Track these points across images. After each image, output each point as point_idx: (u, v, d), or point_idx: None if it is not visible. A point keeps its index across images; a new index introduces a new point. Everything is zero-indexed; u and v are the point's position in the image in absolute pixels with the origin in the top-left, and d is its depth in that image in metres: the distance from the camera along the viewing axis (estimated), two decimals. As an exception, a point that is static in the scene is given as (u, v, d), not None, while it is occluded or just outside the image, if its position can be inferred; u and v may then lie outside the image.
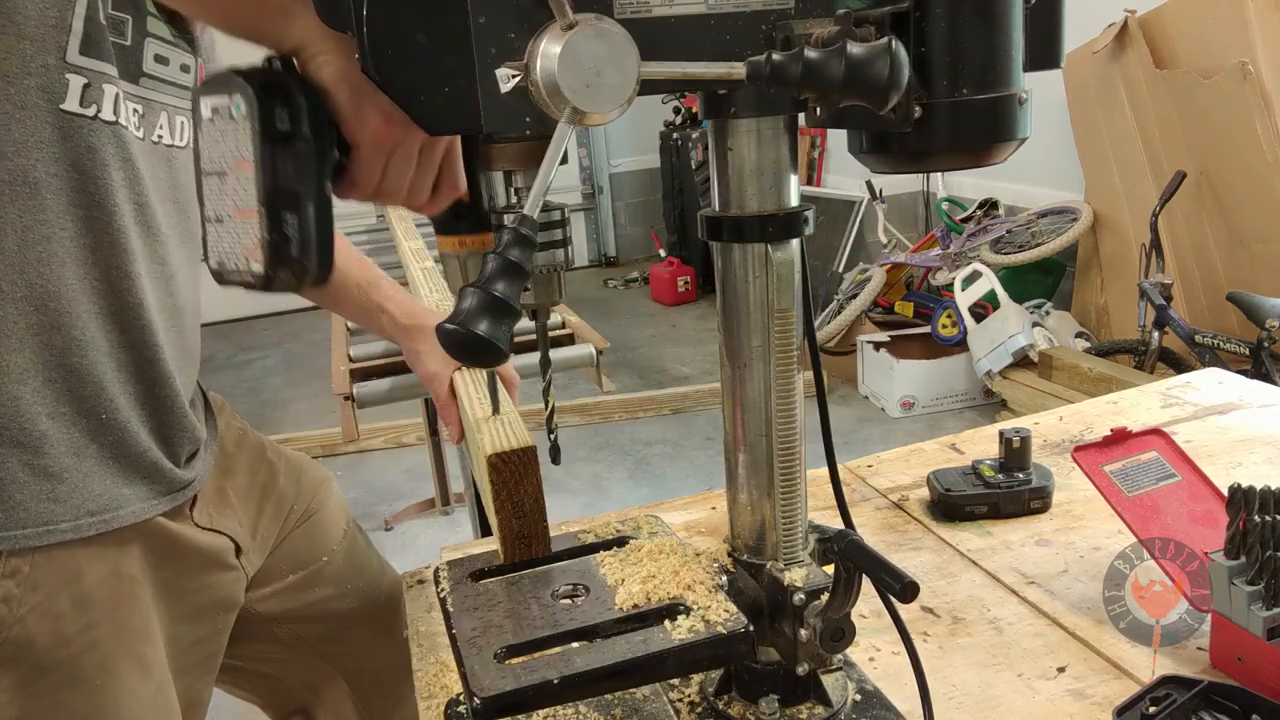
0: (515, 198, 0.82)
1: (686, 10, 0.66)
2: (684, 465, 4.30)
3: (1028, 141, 0.67)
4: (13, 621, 0.94)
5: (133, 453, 1.01)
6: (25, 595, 0.94)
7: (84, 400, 0.97)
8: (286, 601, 1.31)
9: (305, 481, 1.35)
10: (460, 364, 1.21)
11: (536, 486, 0.92)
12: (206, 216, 0.71)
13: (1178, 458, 1.14)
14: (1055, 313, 4.63)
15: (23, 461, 0.93)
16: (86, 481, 0.97)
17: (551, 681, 0.74)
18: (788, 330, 0.80)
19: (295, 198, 0.68)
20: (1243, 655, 0.93)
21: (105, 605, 1.00)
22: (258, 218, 0.67)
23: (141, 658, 1.04)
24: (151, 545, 1.05)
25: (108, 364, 0.98)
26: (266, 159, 0.66)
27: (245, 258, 0.69)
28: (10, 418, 0.92)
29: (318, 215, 0.69)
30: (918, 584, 0.72)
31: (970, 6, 0.63)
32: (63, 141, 0.91)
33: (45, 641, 0.96)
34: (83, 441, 0.97)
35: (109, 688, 1.01)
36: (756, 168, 0.77)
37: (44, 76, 0.89)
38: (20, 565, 0.94)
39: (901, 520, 1.33)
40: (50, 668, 0.97)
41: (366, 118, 0.69)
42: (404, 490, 4.15)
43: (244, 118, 0.66)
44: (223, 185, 0.69)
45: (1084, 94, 4.35)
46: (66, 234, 0.93)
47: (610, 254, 8.20)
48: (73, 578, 0.97)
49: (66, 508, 0.96)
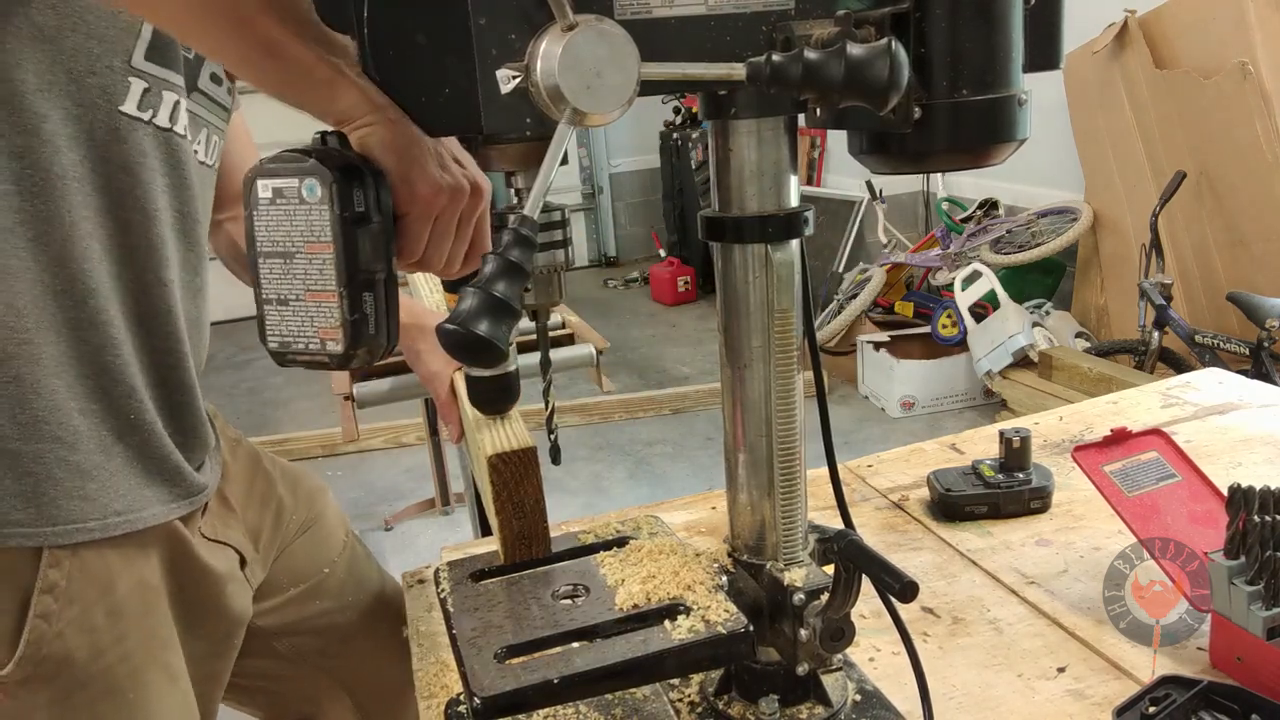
0: (515, 198, 0.82)
1: (687, 11, 0.66)
2: (684, 465, 4.30)
3: (1028, 141, 0.67)
4: (52, 637, 0.94)
5: (156, 455, 1.02)
6: (63, 609, 0.94)
7: (114, 399, 0.97)
8: (287, 615, 1.30)
9: (301, 491, 1.34)
10: (461, 364, 1.21)
11: (537, 487, 0.92)
12: (266, 298, 0.71)
13: (1178, 458, 1.14)
14: (1055, 313, 4.63)
15: (59, 457, 0.93)
16: (113, 480, 0.97)
17: (551, 681, 0.74)
18: (788, 330, 0.80)
19: (372, 276, 0.69)
20: (1243, 655, 0.93)
21: (135, 616, 1.00)
22: (338, 299, 0.67)
23: (169, 667, 1.05)
24: (167, 553, 1.05)
25: (136, 366, 0.99)
26: (350, 241, 0.67)
27: (320, 340, 0.69)
28: (49, 411, 0.92)
29: (388, 291, 0.70)
30: (917, 584, 0.72)
31: (970, 7, 0.63)
32: (116, 143, 0.92)
33: (82, 655, 0.96)
34: (110, 440, 0.97)
35: (140, 698, 1.01)
36: (756, 168, 0.77)
37: (107, 77, 0.90)
38: (57, 579, 0.94)
39: (901, 520, 1.33)
40: (86, 681, 0.97)
41: (415, 186, 0.70)
42: (404, 490, 4.15)
43: (319, 201, 0.66)
44: (289, 267, 0.69)
45: (1084, 94, 4.35)
46: (106, 233, 0.94)
47: (610, 254, 8.20)
48: (106, 589, 0.97)
49: (95, 506, 0.96)
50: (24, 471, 0.91)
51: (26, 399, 0.91)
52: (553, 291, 0.87)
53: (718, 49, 0.67)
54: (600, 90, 0.60)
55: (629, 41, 0.61)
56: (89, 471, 0.95)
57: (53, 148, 0.88)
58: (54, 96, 0.87)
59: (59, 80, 0.87)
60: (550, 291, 0.86)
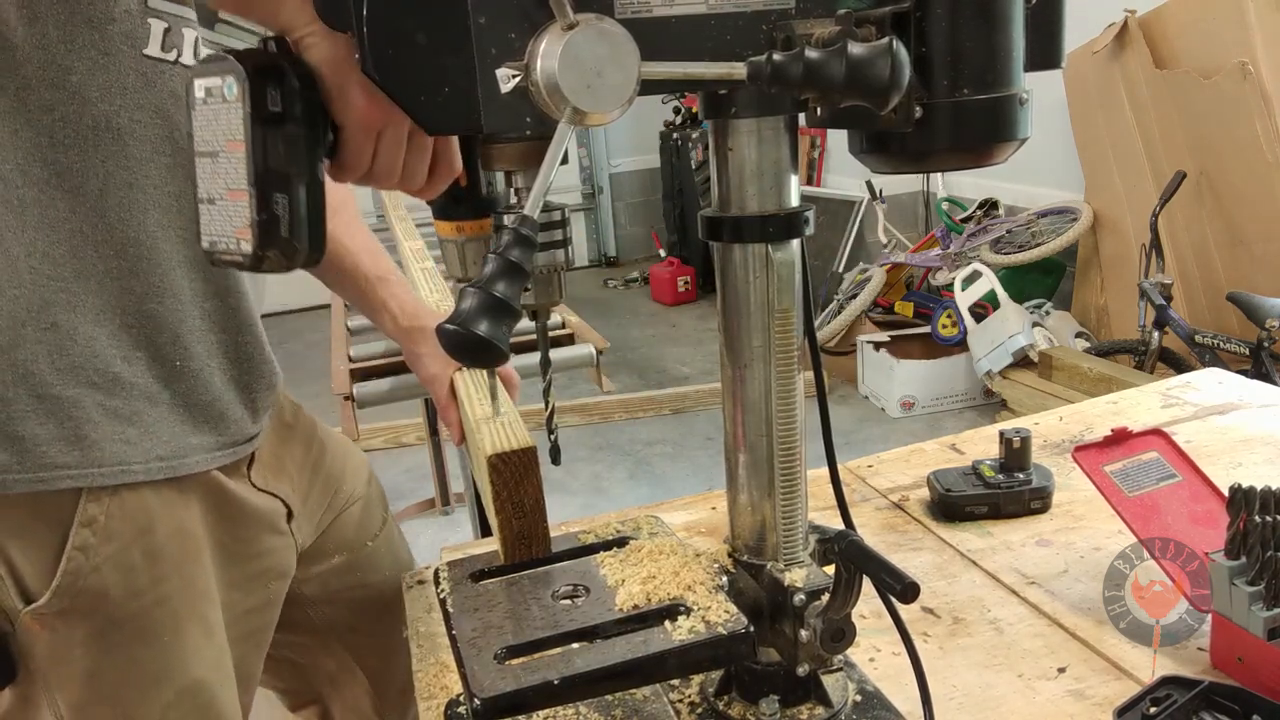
0: (515, 198, 0.82)
1: (687, 10, 0.66)
2: (684, 465, 4.30)
3: (1028, 141, 0.67)
4: (89, 570, 0.96)
5: (203, 401, 1.03)
6: (101, 545, 0.96)
7: (159, 347, 0.98)
8: (328, 583, 1.32)
9: (350, 464, 1.36)
10: (460, 365, 1.21)
11: (537, 487, 0.92)
12: (200, 197, 0.72)
13: (1178, 458, 1.14)
14: (1055, 313, 4.63)
15: (97, 402, 0.95)
16: (158, 426, 0.99)
17: (551, 682, 0.73)
18: (788, 330, 0.80)
19: (286, 178, 0.68)
20: (1243, 655, 0.93)
21: (173, 561, 1.01)
22: (248, 198, 0.67)
23: (205, 619, 1.06)
24: (210, 503, 1.06)
25: (189, 311, 1.00)
26: (257, 140, 0.67)
27: (236, 238, 0.69)
28: (87, 358, 0.94)
29: (308, 196, 0.69)
30: (918, 584, 0.72)
31: (971, 7, 0.63)
32: (146, 88, 0.92)
33: (118, 593, 0.98)
34: (157, 387, 0.99)
35: (176, 644, 1.02)
36: (757, 168, 0.77)
37: (127, 22, 0.90)
38: (97, 514, 0.95)
39: (901, 520, 1.33)
40: (123, 620, 0.99)
41: (351, 99, 0.70)
42: (404, 490, 4.15)
43: (235, 99, 0.66)
44: (215, 166, 0.69)
45: (1084, 94, 4.35)
46: (150, 181, 0.94)
47: (610, 254, 8.20)
48: (144, 530, 0.99)
49: (138, 450, 0.97)
50: (65, 416, 0.93)
51: (64, 346, 0.93)
52: (553, 291, 0.86)
53: (718, 48, 0.67)
54: (600, 89, 0.60)
55: (629, 40, 0.60)
56: (130, 417, 0.97)
57: (81, 100, 0.89)
58: (78, 48, 0.88)
59: (80, 31, 0.88)
60: (550, 291, 0.86)
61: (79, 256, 0.92)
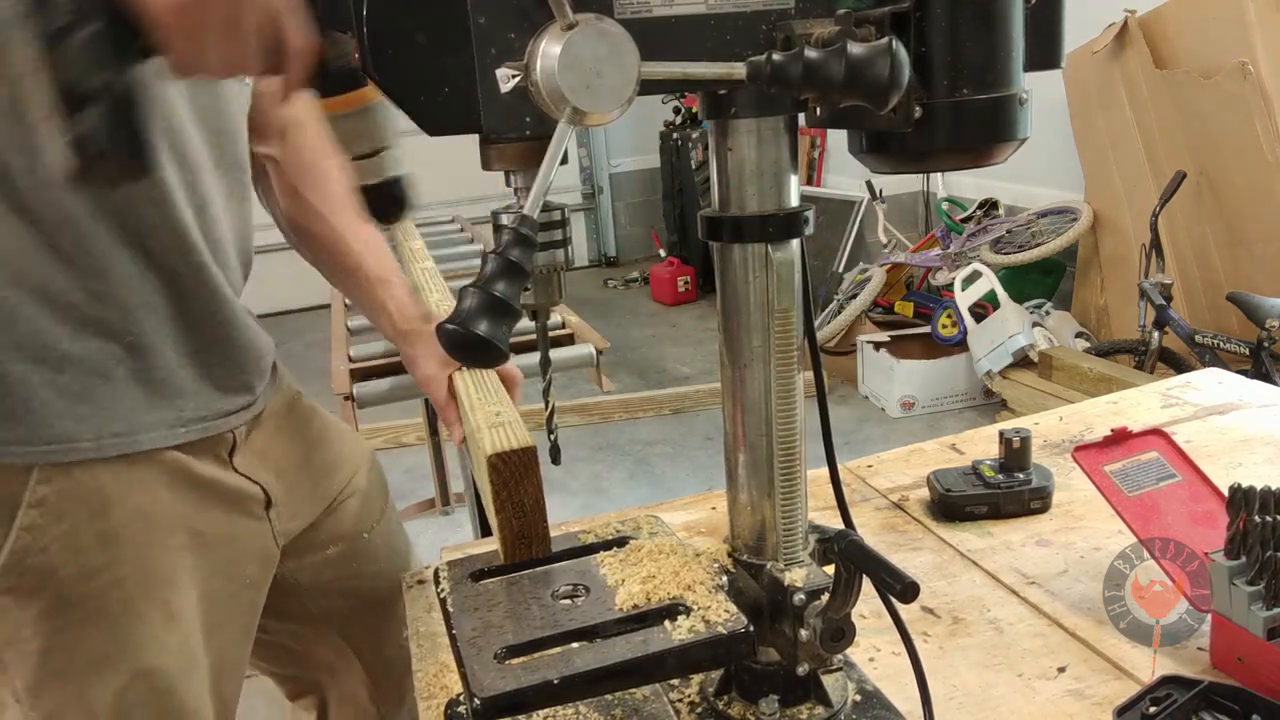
0: (515, 198, 0.82)
1: (687, 10, 0.66)
2: (684, 465, 4.30)
3: (1028, 141, 0.67)
4: (37, 550, 0.95)
5: (158, 377, 1.02)
6: (49, 525, 0.96)
7: (108, 323, 0.98)
8: (323, 573, 1.32)
9: (349, 454, 1.36)
10: (459, 365, 1.21)
11: (536, 487, 0.92)
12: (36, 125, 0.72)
13: (1178, 458, 1.14)
14: (1055, 313, 4.63)
15: (46, 380, 0.95)
16: (111, 404, 0.98)
17: (551, 682, 0.73)
18: (788, 330, 0.80)
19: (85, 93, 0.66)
20: (1243, 655, 0.93)
21: (131, 546, 1.01)
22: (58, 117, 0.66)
23: (167, 605, 1.05)
24: (178, 486, 1.05)
25: (137, 286, 0.99)
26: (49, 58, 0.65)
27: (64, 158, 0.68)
28: (31, 336, 0.94)
29: (115, 108, 0.67)
30: (918, 584, 0.72)
31: (971, 7, 0.63)
32: None
33: (68, 572, 0.97)
34: (110, 364, 0.98)
35: (132, 626, 1.02)
36: (756, 168, 0.77)
37: None
38: (47, 494, 0.95)
39: (901, 520, 1.33)
40: (75, 601, 0.98)
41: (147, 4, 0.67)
42: (404, 490, 4.15)
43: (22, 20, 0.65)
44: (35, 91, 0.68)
45: (1084, 94, 4.35)
46: None
47: (610, 254, 8.20)
48: (98, 512, 0.98)
49: (89, 426, 0.96)
50: (6, 393, 0.93)
51: (5, 324, 0.93)
52: (552, 291, 0.86)
53: (718, 48, 0.67)
54: (600, 89, 0.60)
55: (629, 40, 0.60)
56: (81, 394, 0.96)
57: None
58: None
59: None
60: (550, 291, 0.86)
61: (16, 236, 0.92)
